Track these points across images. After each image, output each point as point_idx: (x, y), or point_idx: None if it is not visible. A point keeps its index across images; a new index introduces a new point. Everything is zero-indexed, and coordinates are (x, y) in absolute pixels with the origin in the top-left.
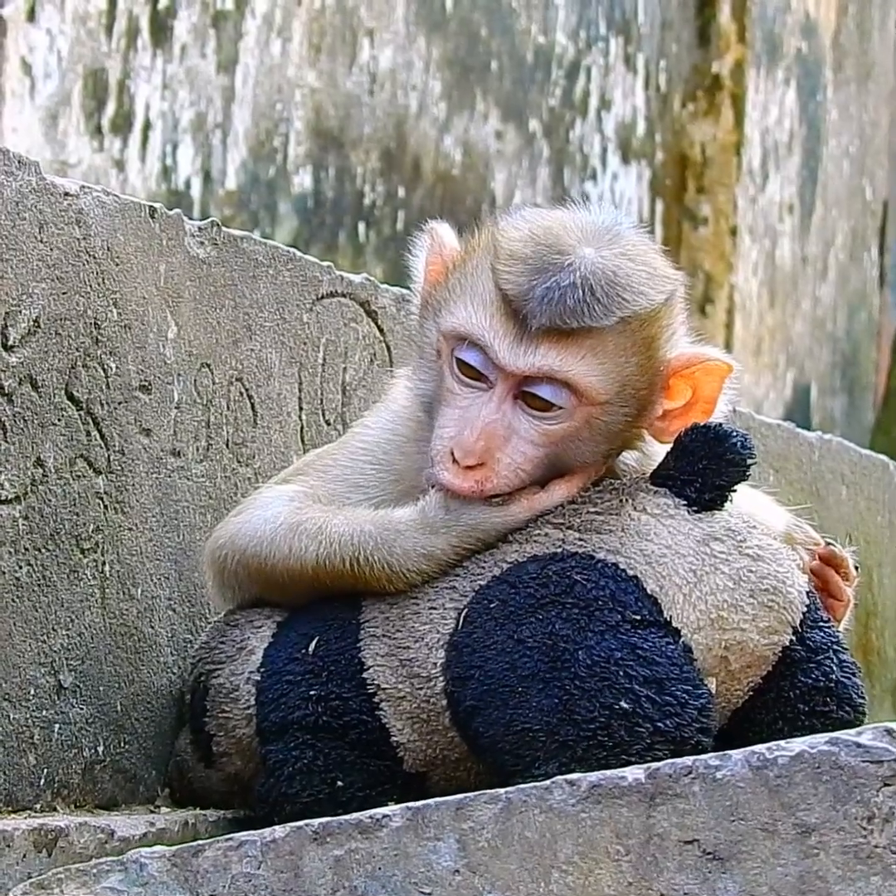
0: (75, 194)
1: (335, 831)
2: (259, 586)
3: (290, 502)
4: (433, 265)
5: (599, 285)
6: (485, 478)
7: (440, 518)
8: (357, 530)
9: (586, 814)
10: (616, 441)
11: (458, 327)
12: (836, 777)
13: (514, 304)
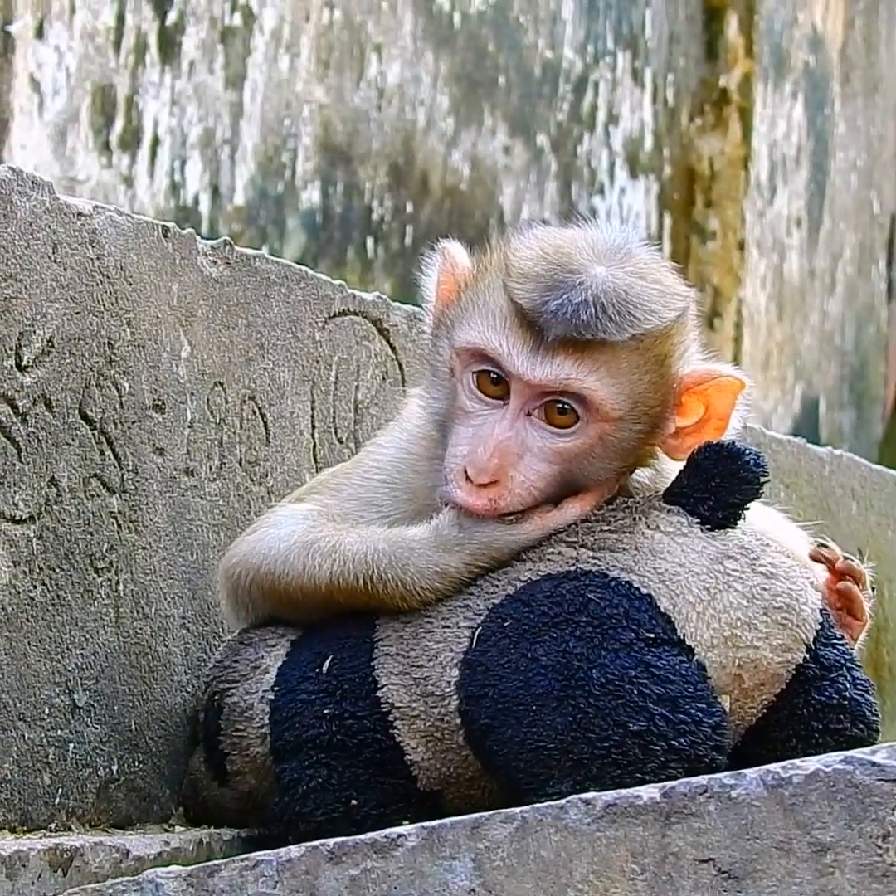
0: (89, 214)
1: (351, 851)
2: (273, 604)
3: (304, 521)
4: (445, 284)
5: (611, 304)
6: (498, 496)
7: (454, 536)
8: (371, 548)
9: (602, 833)
10: (629, 458)
11: (472, 343)
12: (851, 796)
13: (529, 316)
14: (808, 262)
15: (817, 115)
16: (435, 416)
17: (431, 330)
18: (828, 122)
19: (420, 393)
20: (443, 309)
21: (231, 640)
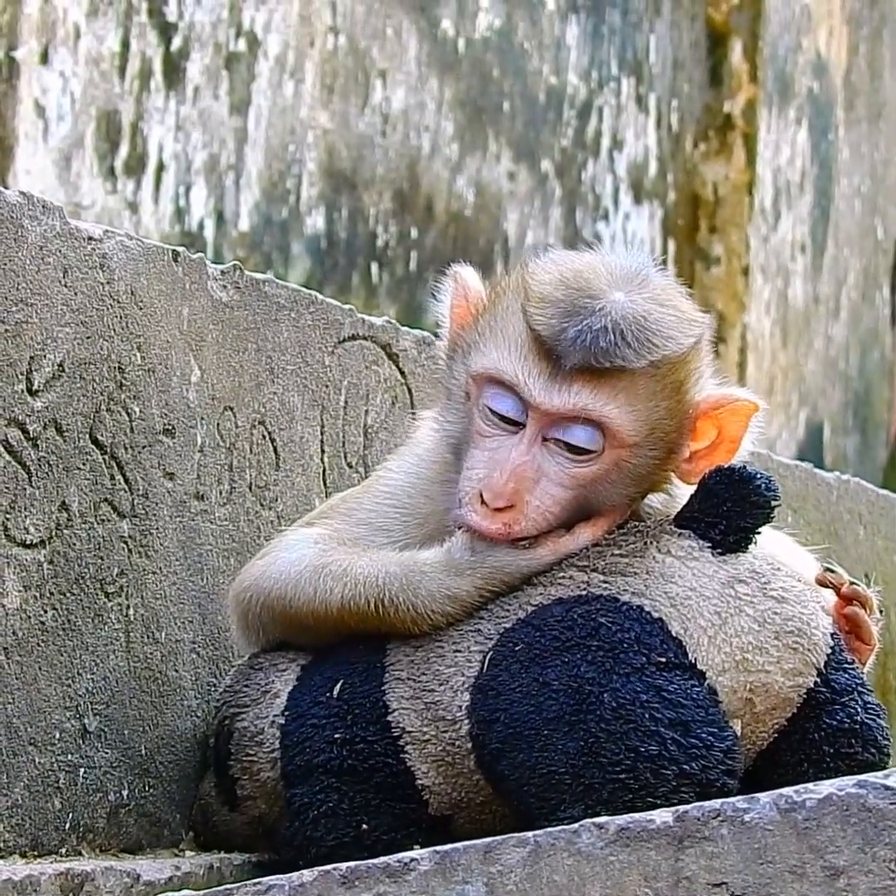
0: (99, 239)
1: (363, 875)
2: (283, 629)
3: (315, 545)
4: (458, 308)
5: (630, 330)
6: (513, 520)
7: (466, 560)
8: (382, 572)
9: (615, 857)
10: (643, 484)
11: (489, 369)
12: (865, 819)
13: (547, 344)
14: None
15: (821, 140)
16: (449, 439)
17: (446, 353)
18: (832, 148)
19: (433, 416)
20: (458, 333)
21: (241, 665)
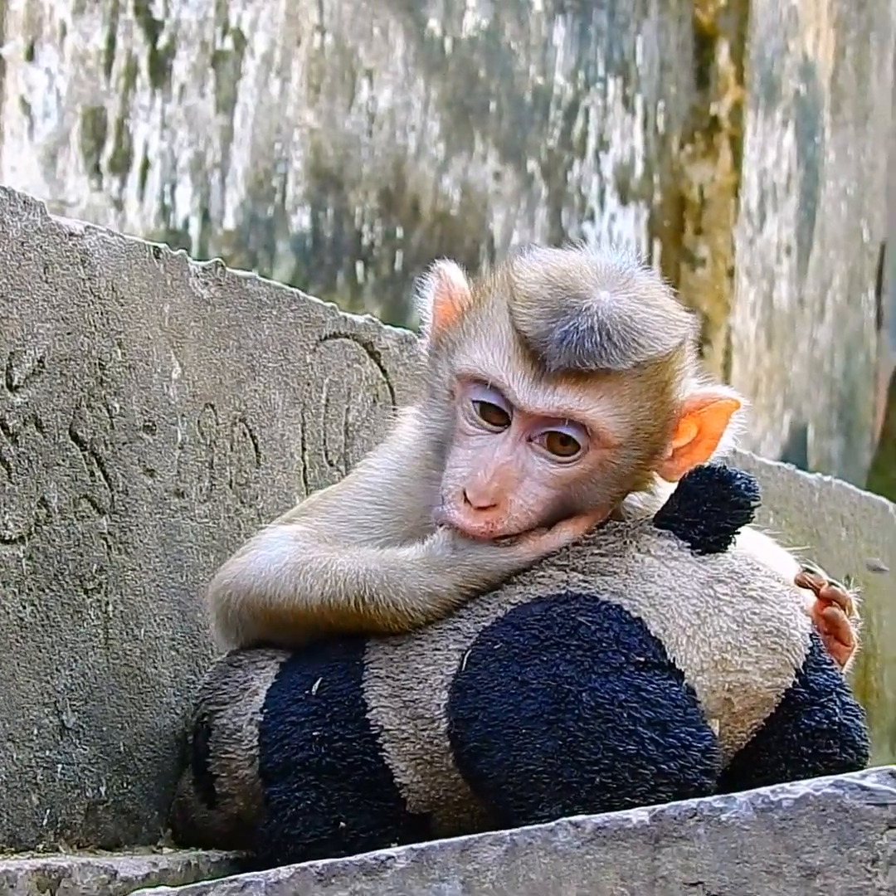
0: (80, 234)
1: (340, 872)
2: (263, 627)
3: (295, 542)
4: (442, 305)
5: (616, 330)
6: (496, 519)
7: (447, 557)
8: (363, 569)
9: (591, 856)
10: (626, 483)
11: (474, 369)
12: (841, 820)
13: (533, 345)
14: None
15: (808, 143)
16: (432, 437)
17: (429, 351)
18: (818, 151)
19: (415, 413)
20: (442, 330)
21: (220, 662)
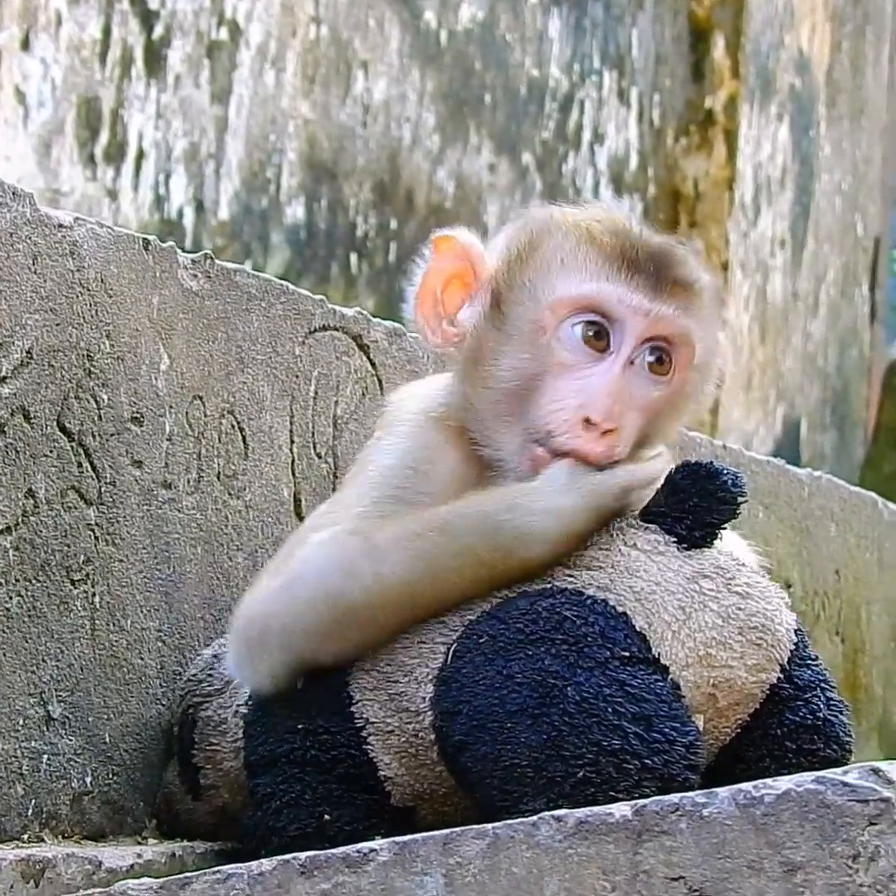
0: (69, 226)
1: (322, 865)
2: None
3: (348, 534)
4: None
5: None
6: (614, 443)
7: (566, 480)
8: (479, 506)
9: (573, 850)
10: (683, 420)
11: (577, 294)
12: (823, 816)
13: (635, 262)
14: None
15: (803, 137)
16: (508, 383)
17: (485, 305)
18: (813, 145)
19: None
20: (499, 280)
21: (206, 654)
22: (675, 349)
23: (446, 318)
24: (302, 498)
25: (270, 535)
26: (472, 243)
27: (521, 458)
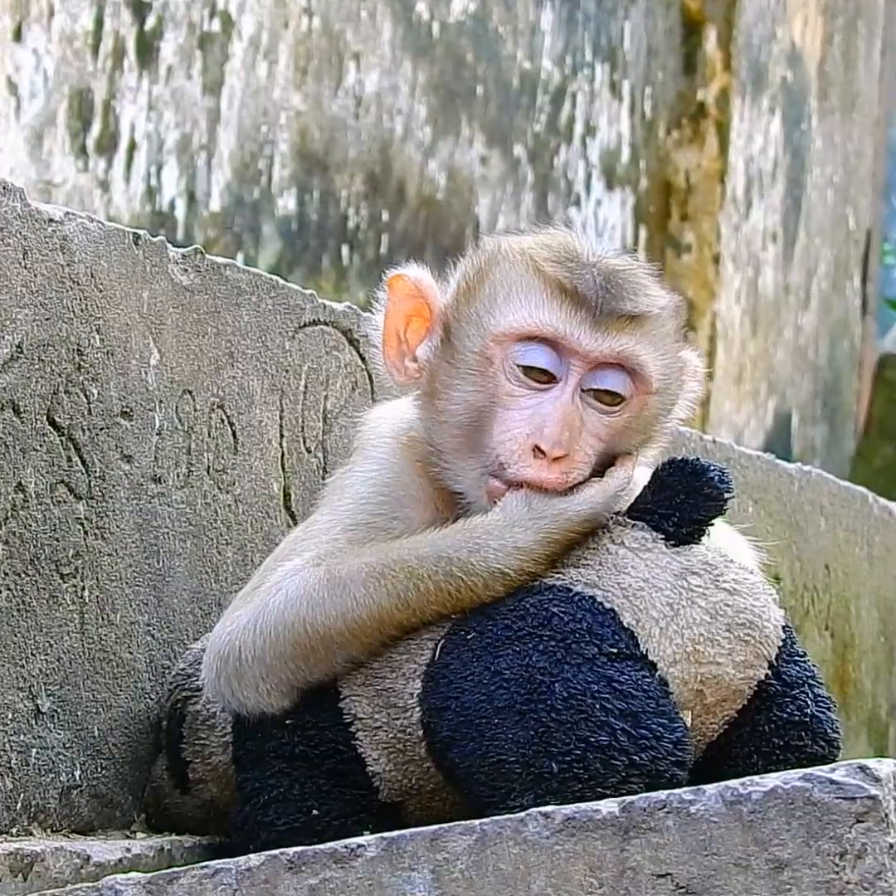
0: (59, 220)
1: (310, 860)
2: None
3: (315, 565)
4: (414, 301)
5: (645, 276)
6: (568, 469)
7: (525, 513)
8: (439, 545)
9: (560, 846)
10: (651, 434)
11: (524, 325)
12: (810, 813)
13: (579, 293)
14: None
15: (794, 130)
16: (461, 416)
17: (436, 339)
18: (805, 138)
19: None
20: (444, 314)
21: (195, 649)
22: (627, 377)
23: (409, 354)
24: (291, 492)
25: (260, 530)
26: (422, 279)
27: (479, 492)
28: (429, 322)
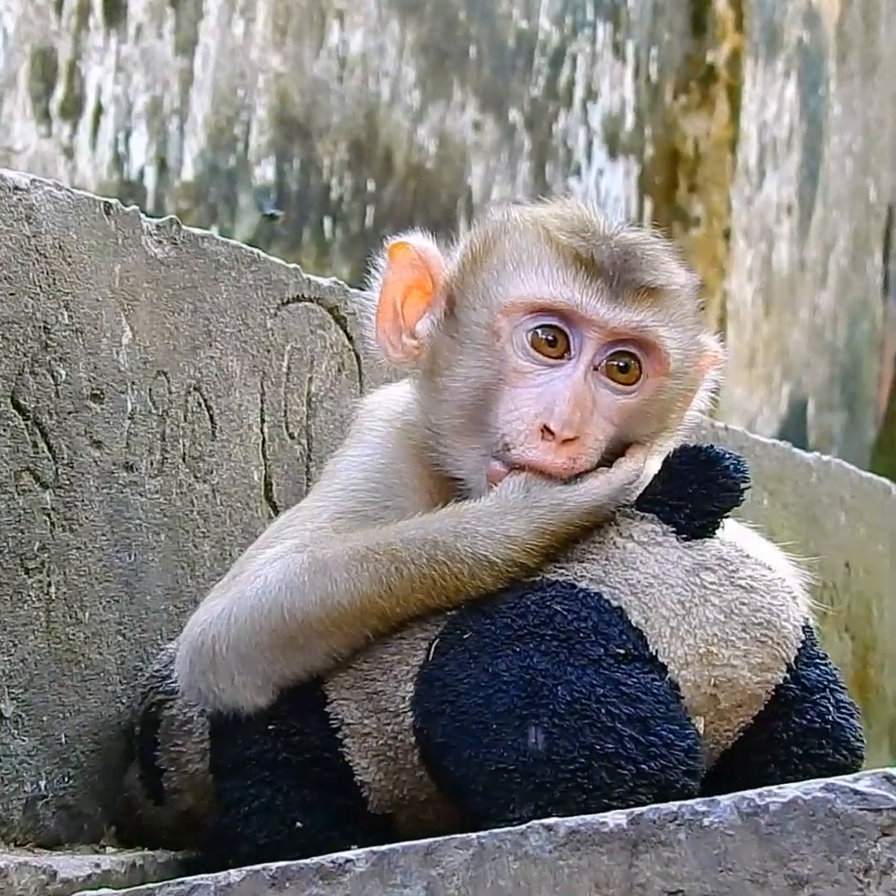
0: (25, 188)
1: (295, 876)
2: (273, 657)
3: (297, 552)
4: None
5: (666, 250)
6: (577, 454)
7: (520, 500)
8: (428, 529)
9: (564, 861)
10: (665, 423)
11: (532, 297)
12: (832, 826)
13: (596, 263)
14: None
15: (811, 95)
16: (464, 394)
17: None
18: (822, 104)
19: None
20: (449, 286)
21: (170, 649)
22: (644, 354)
23: (406, 330)
24: (273, 482)
25: (239, 522)
26: (427, 248)
27: (480, 476)
28: (430, 295)
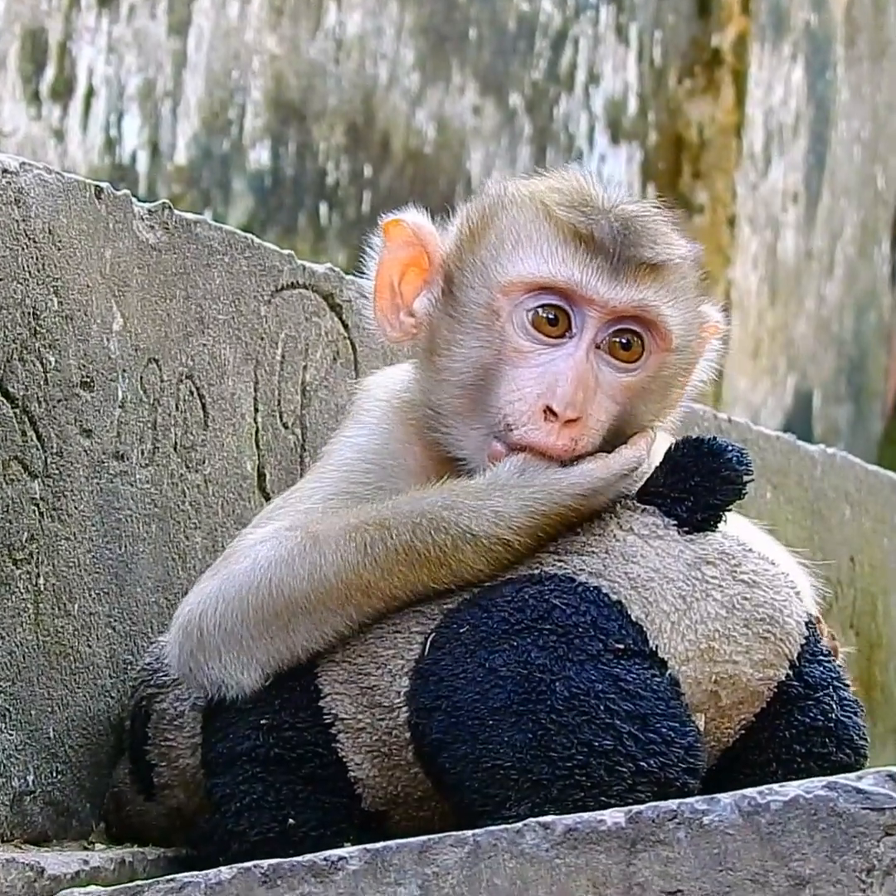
0: (14, 171)
1: (286, 874)
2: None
3: (289, 530)
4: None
5: (667, 224)
6: (579, 435)
7: (514, 479)
8: (417, 503)
9: (561, 860)
10: (669, 401)
11: (532, 274)
12: (834, 825)
13: (595, 239)
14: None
15: (818, 79)
16: (464, 374)
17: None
18: (830, 88)
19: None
20: (444, 264)
21: (161, 642)
22: (646, 331)
23: (404, 308)
24: (266, 472)
25: (231, 513)
26: (422, 224)
27: (482, 455)
28: (427, 272)
